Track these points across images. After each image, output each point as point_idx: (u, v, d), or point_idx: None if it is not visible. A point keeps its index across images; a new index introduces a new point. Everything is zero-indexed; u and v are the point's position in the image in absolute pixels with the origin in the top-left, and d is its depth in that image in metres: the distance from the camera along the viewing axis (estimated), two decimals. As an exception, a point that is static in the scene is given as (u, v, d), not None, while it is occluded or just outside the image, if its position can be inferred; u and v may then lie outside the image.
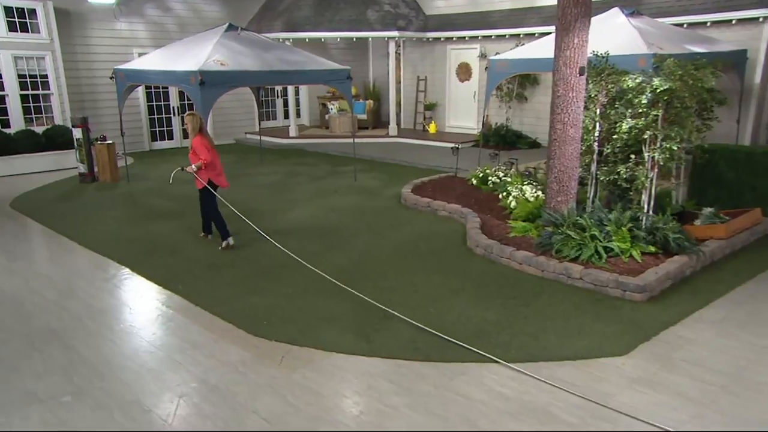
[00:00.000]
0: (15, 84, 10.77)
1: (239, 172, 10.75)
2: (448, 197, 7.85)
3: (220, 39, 8.27)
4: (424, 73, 14.58)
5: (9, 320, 4.57)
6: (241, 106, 14.52)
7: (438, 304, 4.82)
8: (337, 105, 14.89)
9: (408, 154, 11.91)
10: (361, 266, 5.67)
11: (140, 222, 7.37)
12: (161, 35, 12.88)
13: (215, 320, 4.60)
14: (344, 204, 8.13)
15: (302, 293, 5.05)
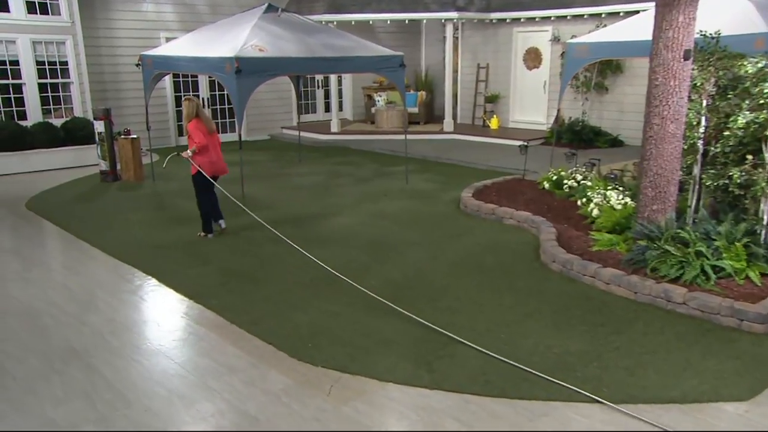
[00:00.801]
0: (33, 72, 11.22)
1: (275, 172, 10.87)
2: (516, 203, 7.72)
3: (258, 21, 8.37)
4: (486, 60, 14.43)
5: (25, 335, 4.67)
6: (277, 97, 14.72)
7: (510, 329, 4.66)
8: (385, 97, 14.90)
9: (466, 152, 11.82)
10: (416, 282, 5.59)
11: (168, 226, 7.49)
12: (191, 18, 13.20)
13: (253, 340, 4.58)
14: (395, 210, 8.10)
15: (351, 311, 4.99)
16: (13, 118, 11.14)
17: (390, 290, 5.40)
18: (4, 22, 10.78)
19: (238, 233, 7.10)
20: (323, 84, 16.08)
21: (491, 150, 12.09)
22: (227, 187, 9.44)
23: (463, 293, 5.34)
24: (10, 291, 5.54)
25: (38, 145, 11.00)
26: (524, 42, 13.70)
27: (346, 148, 13.20)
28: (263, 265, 6.11)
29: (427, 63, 16.45)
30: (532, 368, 4.09)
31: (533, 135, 12.75)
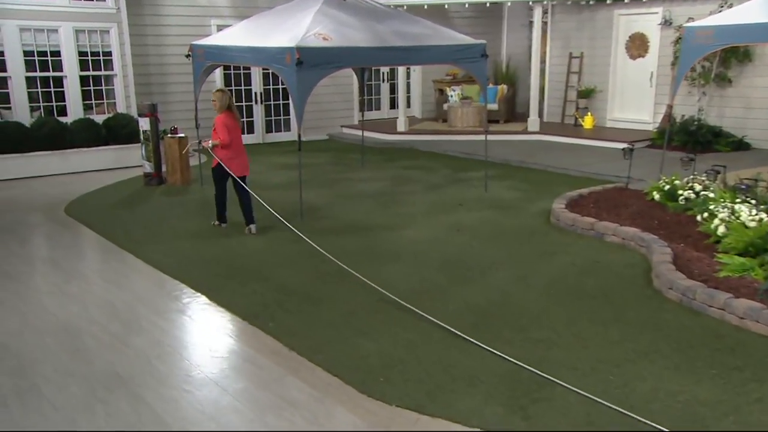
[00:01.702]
0: (75, 63, 11.70)
1: (335, 176, 10.94)
2: (620, 217, 7.48)
3: (321, 7, 8.43)
4: (580, 49, 14.16)
5: (66, 358, 4.79)
6: (337, 92, 14.85)
7: (620, 370, 4.44)
8: (459, 91, 14.80)
9: (555, 156, 11.62)
10: (503, 308, 5.45)
11: (218, 237, 7.61)
12: (245, 3, 13.48)
13: (316, 371, 4.54)
14: (473, 222, 8.00)
15: (427, 340, 4.89)
16: (52, 114, 11.65)
17: (472, 317, 5.28)
18: (47, 9, 11.30)
19: (296, 246, 7.11)
20: (389, 77, 16.12)
21: (585, 153, 11.82)
22: (283, 193, 9.63)
23: (559, 323, 5.16)
24: (48, 306, 5.71)
25: (78, 143, 11.45)
26: (627, 26, 13.34)
27: (415, 149, 13.18)
28: (325, 282, 6.09)
29: (509, 52, 16.27)
30: (652, 420, 3.86)
31: (636, 136, 12.36)
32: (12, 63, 11.11)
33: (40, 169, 11.07)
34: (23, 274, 6.53)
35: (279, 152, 13.36)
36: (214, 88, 13.19)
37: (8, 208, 9.04)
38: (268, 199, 9.26)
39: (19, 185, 10.43)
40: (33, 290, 6.10)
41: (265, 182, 10.51)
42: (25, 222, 8.45)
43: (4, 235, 7.83)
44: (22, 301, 5.83)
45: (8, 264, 6.81)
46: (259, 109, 14.46)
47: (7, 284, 6.22)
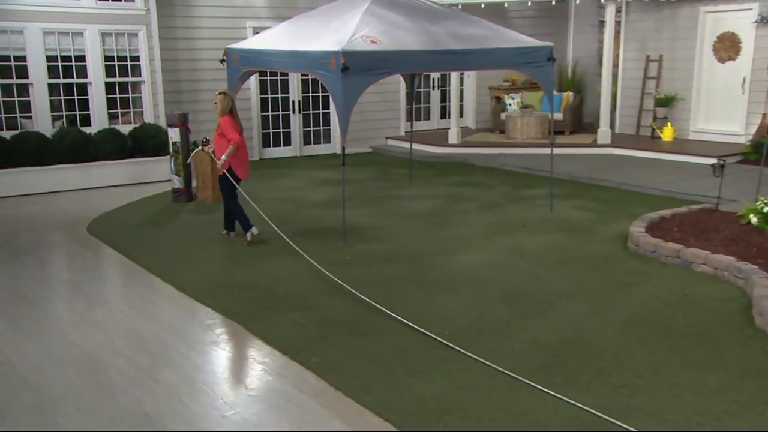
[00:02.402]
0: (100, 69, 11.94)
1: (381, 193, 10.92)
2: (710, 243, 7.26)
3: (369, 6, 8.43)
4: (658, 51, 13.96)
5: (89, 394, 4.78)
6: (382, 100, 14.88)
7: (722, 424, 4.24)
8: (519, 99, 14.68)
9: (629, 172, 11.45)
10: (576, 347, 5.30)
11: (254, 260, 7.61)
12: (284, 3, 13.65)
13: (365, 415, 4.45)
14: (538, 246, 7.88)
15: (490, 383, 4.76)
16: (75, 124, 11.91)
17: (541, 357, 5.14)
18: (73, 10, 11.57)
19: (341, 270, 7.06)
20: (440, 83, 16.09)
21: (664, 169, 11.62)
22: (324, 212, 9.64)
23: (644, 366, 4.97)
24: (70, 336, 5.74)
25: (102, 156, 11.65)
26: (715, 25, 13.10)
27: (469, 164, 13.12)
28: (372, 313, 6.01)
29: (576, 56, 16.14)
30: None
31: (725, 150, 12.07)
32: (34, 69, 11.40)
33: (61, 183, 11.29)
34: (43, 299, 6.61)
35: (318, 166, 13.42)
36: (248, 95, 13.60)
37: (28, 226, 9.21)
38: (308, 218, 9.42)
39: (39, 201, 10.64)
40: (54, 317, 6.16)
41: (304, 199, 10.56)
42: (45, 241, 8.59)
43: (23, 255, 7.96)
44: (42, 328, 5.88)
45: (27, 287, 6.90)
46: (297, 119, 14.56)
47: (27, 310, 6.29)
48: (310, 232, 8.70)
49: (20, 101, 11.48)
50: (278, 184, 11.75)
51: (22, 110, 11.52)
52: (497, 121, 15.07)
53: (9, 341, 5.62)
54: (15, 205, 10.38)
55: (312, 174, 12.66)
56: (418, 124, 15.61)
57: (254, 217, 8.32)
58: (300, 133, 14.65)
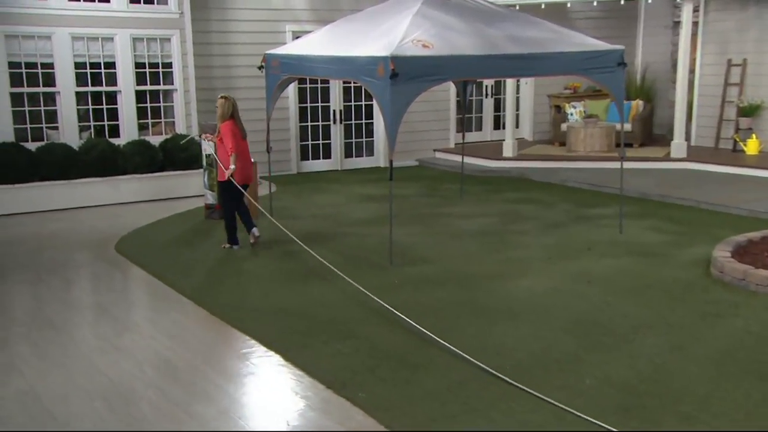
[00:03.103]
0: (131, 76, 12.13)
1: (429, 210, 10.88)
2: (807, 270, 7.02)
3: (420, 7, 8.42)
4: (742, 55, 13.76)
5: (119, 429, 4.78)
6: (431, 109, 14.83)
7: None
8: (581, 108, 14.53)
9: (708, 189, 11.28)
10: (657, 386, 5.13)
11: (293, 283, 7.59)
12: (327, 5, 13.75)
13: (420, 460, 4.37)
14: (607, 271, 7.74)
15: (558, 424, 4.62)
16: (103, 134, 12.11)
17: (617, 396, 4.98)
18: (103, 14, 11.79)
19: (390, 296, 6.98)
20: (493, 91, 16.00)
21: (749, 186, 11.40)
22: (367, 230, 9.61)
23: (738, 410, 4.79)
24: (98, 364, 5.76)
25: (131, 169, 11.80)
26: (810, 25, 12.83)
27: (525, 179, 13.04)
28: (423, 343, 5.93)
29: (645, 60, 15.97)
30: None
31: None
32: (62, 76, 11.61)
33: (87, 198, 11.44)
34: (69, 323, 6.66)
35: (360, 181, 13.44)
36: (285, 104, 13.66)
37: (53, 244, 9.34)
38: (350, 237, 9.40)
39: (64, 217, 10.79)
40: (80, 343, 6.19)
41: (346, 217, 10.56)
42: (70, 260, 8.69)
43: (47, 275, 8.05)
44: (67, 355, 5.91)
45: (52, 310, 6.97)
46: (338, 130, 14.60)
47: (51, 335, 6.34)
48: (353, 252, 8.68)
49: (46, 111, 11.71)
50: (317, 200, 11.78)
51: (48, 120, 11.74)
52: (557, 132, 14.96)
53: (33, 369, 5.65)
54: (39, 221, 10.55)
55: (353, 189, 12.68)
56: (469, 135, 15.48)
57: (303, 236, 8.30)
58: (341, 145, 14.67)
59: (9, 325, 6.58)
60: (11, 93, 11.28)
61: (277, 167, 13.30)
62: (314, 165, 14.51)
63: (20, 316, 6.91)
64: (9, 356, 5.88)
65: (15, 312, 7.05)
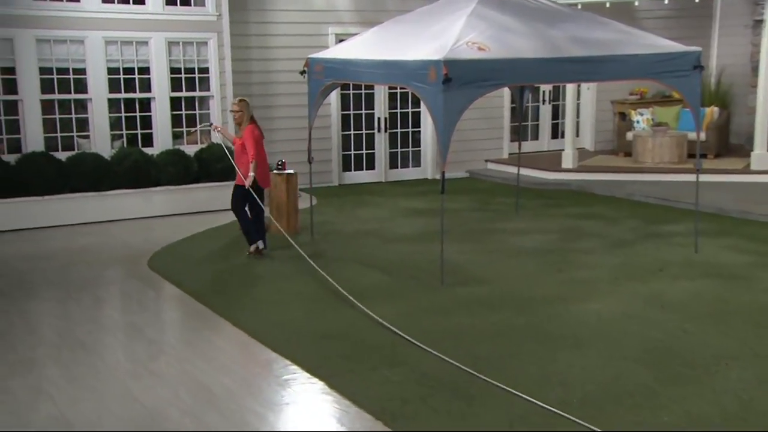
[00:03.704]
0: (166, 82, 12.25)
1: (482, 226, 10.82)
2: None
3: (476, 7, 8.38)
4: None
5: (154, 457, 4.79)
6: (482, 117, 14.72)
7: None
8: (649, 116, 14.33)
9: None
10: (745, 425, 5.00)
11: (336, 304, 7.54)
12: (372, 6, 13.77)
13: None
14: (682, 295, 7.60)
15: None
16: (135, 144, 12.25)
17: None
18: (138, 17, 11.93)
19: (441, 318, 6.97)
20: (551, 97, 15.87)
21: None
22: (415, 247, 9.56)
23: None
24: (131, 389, 5.77)
25: (165, 180, 11.89)
26: None
27: (588, 192, 12.92)
28: (479, 368, 5.84)
29: (721, 63, 15.75)
30: None
31: None
32: (94, 82, 11.75)
33: (119, 210, 11.54)
34: (100, 344, 6.71)
35: (406, 193, 13.42)
36: (327, 112, 13.65)
37: (83, 259, 9.44)
38: (396, 255, 9.36)
39: (95, 231, 10.92)
40: (112, 366, 6.22)
41: (391, 232, 10.54)
42: (102, 277, 8.78)
43: (78, 293, 8.13)
44: (99, 379, 5.93)
45: (83, 330, 7.02)
46: (383, 139, 14.57)
47: (82, 357, 6.38)
48: (400, 271, 8.64)
49: (77, 118, 11.88)
50: (360, 214, 11.78)
51: (79, 128, 11.90)
52: (622, 141, 14.82)
53: (64, 393, 5.67)
54: (68, 235, 10.68)
55: (399, 203, 12.65)
56: (525, 144, 15.35)
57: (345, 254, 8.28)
58: (386, 155, 14.65)
59: (38, 346, 6.65)
60: (41, 100, 11.48)
61: (318, 179, 13.31)
62: (357, 176, 14.50)
63: (49, 336, 6.99)
64: (38, 379, 5.92)
65: (44, 331, 7.14)
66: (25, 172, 10.97)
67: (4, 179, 10.84)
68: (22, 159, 11.11)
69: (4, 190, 10.82)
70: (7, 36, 11.15)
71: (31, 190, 10.97)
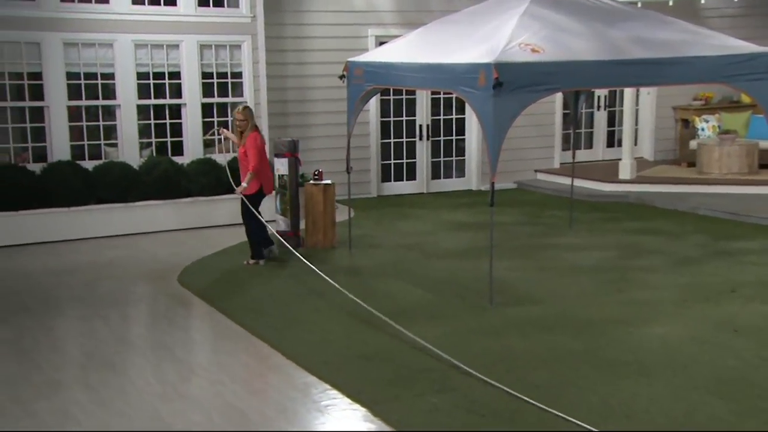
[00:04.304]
0: (197, 88, 12.32)
1: (532, 241, 10.75)
2: None
3: (529, 6, 8.33)
4: None
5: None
6: (531, 124, 14.57)
7: None
8: (714, 123, 14.14)
9: None
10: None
11: (377, 324, 7.47)
12: (415, 6, 13.77)
13: None
14: (756, 319, 7.46)
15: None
16: (165, 152, 12.31)
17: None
18: (170, 19, 12.02)
19: (490, 340, 6.91)
20: (607, 102, 15.72)
21: None
22: (461, 263, 9.54)
23: None
24: (161, 413, 5.76)
25: (196, 191, 11.94)
26: None
27: (647, 205, 12.82)
28: (535, 395, 5.73)
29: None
30: None
31: None
32: (123, 87, 11.85)
33: (148, 223, 11.60)
34: (129, 365, 6.72)
35: (449, 205, 13.39)
36: (365, 119, 13.57)
37: (110, 274, 9.50)
38: (440, 271, 9.30)
39: (123, 243, 11.00)
40: (142, 388, 6.20)
41: (434, 247, 10.52)
42: (130, 293, 8.82)
43: (105, 310, 8.16)
44: (128, 402, 5.93)
45: (111, 350, 7.03)
46: (424, 147, 14.53)
47: (111, 378, 6.38)
48: (445, 289, 8.59)
49: (105, 126, 11.98)
50: (401, 228, 11.76)
51: (106, 136, 12.01)
52: (685, 150, 14.74)
53: (92, 417, 5.67)
54: (95, 248, 10.76)
55: (442, 215, 12.62)
56: (578, 153, 15.21)
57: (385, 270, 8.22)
58: (428, 164, 14.60)
59: (64, 366, 6.69)
60: (68, 106, 11.60)
61: (355, 189, 13.25)
62: (397, 187, 14.48)
63: (76, 355, 7.04)
64: (64, 401, 5.92)
65: (70, 351, 7.19)
66: (50, 182, 11.09)
67: (29, 189, 10.97)
68: (48, 168, 11.23)
69: (29, 201, 10.95)
70: (34, 40, 11.28)
71: (57, 201, 11.09)
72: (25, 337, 7.34)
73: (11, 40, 11.19)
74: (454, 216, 12.50)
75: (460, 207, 13.17)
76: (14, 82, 11.38)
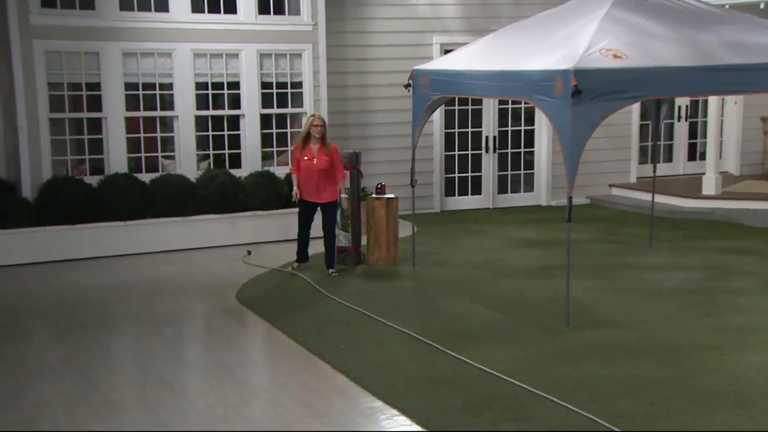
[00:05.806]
0: (256, 97, 12.39)
1: (609, 260, 10.59)
2: None
3: (610, 10, 8.24)
4: None
5: None
6: (606, 135, 14.34)
7: None
8: (806, 134, 13.83)
9: None
10: None
11: (447, 344, 7.40)
12: (483, 12, 13.67)
13: None
14: None
15: None
16: (223, 165, 12.37)
17: None
18: (230, 27, 12.10)
19: (566, 366, 6.77)
20: (688, 113, 15.42)
21: None
22: (532, 283, 9.42)
23: None
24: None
25: (254, 205, 11.96)
26: None
27: (734, 223, 12.60)
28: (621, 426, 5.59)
29: None
30: None
31: None
32: (181, 98, 11.96)
33: (205, 237, 11.67)
34: (188, 385, 6.73)
35: (517, 221, 13.29)
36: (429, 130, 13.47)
37: (167, 290, 9.55)
38: (511, 291, 9.24)
39: (179, 259, 11.08)
40: (202, 410, 6.20)
41: (503, 265, 10.42)
42: (187, 310, 8.86)
43: (162, 328, 8.19)
44: (188, 424, 5.90)
45: (168, 370, 7.04)
46: (491, 160, 14.41)
47: (168, 398, 6.38)
48: (517, 310, 8.49)
49: (162, 137, 12.10)
50: (467, 245, 11.68)
51: (164, 148, 12.14)
52: (773, 164, 14.52)
53: (149, 440, 5.68)
54: (151, 264, 10.85)
55: (510, 232, 12.51)
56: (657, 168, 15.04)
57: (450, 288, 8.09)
58: (494, 178, 14.46)
59: (121, 386, 6.69)
60: (126, 117, 11.74)
61: (417, 204, 13.16)
62: (461, 202, 14.39)
63: (133, 375, 7.04)
64: (122, 423, 5.93)
65: (127, 370, 7.20)
66: (107, 195, 11.21)
67: (86, 203, 11.10)
68: (105, 181, 11.36)
69: (86, 215, 11.08)
70: (94, 50, 11.46)
71: (113, 215, 11.21)
72: (82, 355, 7.40)
73: (70, 50, 11.38)
74: (522, 232, 12.37)
75: (528, 223, 13.02)
76: (72, 93, 11.58)
